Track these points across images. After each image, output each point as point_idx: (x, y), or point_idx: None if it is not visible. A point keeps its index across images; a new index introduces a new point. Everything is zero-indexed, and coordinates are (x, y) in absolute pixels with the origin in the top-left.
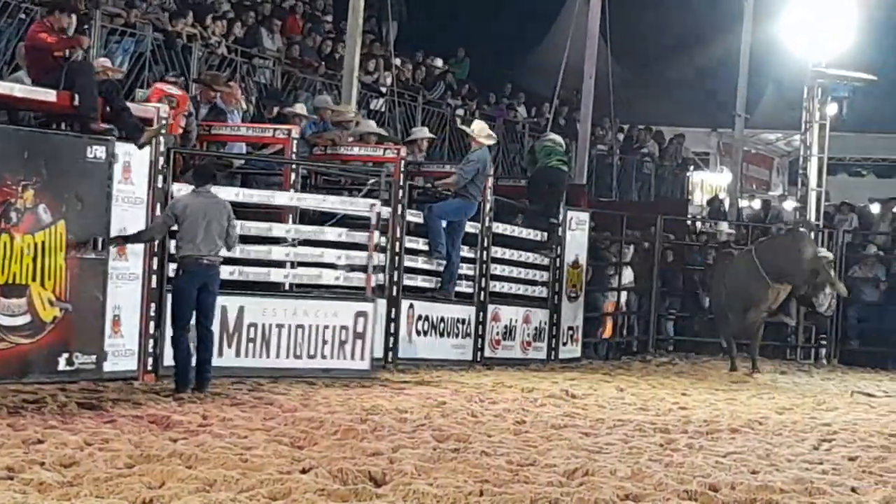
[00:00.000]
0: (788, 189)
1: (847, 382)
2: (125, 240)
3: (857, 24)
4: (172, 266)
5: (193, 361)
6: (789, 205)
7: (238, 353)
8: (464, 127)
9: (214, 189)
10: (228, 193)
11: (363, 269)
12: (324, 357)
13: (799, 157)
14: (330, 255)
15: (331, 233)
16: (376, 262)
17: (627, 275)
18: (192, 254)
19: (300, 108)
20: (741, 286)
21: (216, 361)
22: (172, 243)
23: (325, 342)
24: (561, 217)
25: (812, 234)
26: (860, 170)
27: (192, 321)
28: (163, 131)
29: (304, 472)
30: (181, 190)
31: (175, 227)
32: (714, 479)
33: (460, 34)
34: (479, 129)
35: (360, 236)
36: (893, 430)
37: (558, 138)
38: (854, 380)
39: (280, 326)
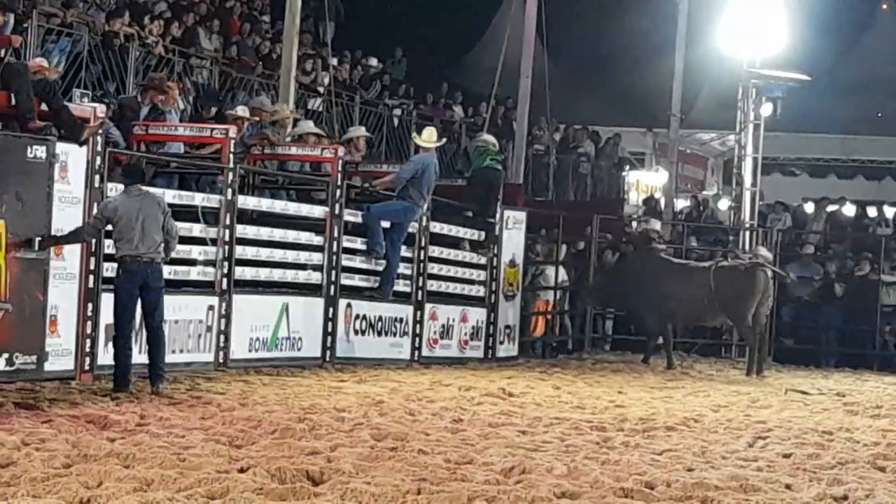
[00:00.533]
0: (723, 188)
1: (781, 380)
2: (55, 241)
3: (792, 24)
4: (108, 265)
5: (133, 361)
6: (724, 204)
7: (140, 351)
8: (414, 135)
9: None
10: None
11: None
12: (188, 351)
13: (733, 157)
14: (196, 251)
15: (196, 229)
16: (223, 256)
17: (561, 274)
18: (130, 253)
19: (242, 111)
20: (690, 302)
21: (143, 359)
22: (108, 242)
23: (189, 336)
24: (497, 216)
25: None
26: (794, 169)
27: (139, 322)
28: (102, 129)
29: (241, 471)
30: (112, 190)
31: (110, 228)
32: (650, 476)
33: (398, 34)
34: (427, 136)
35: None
36: (827, 428)
37: (490, 138)
38: (788, 377)
39: (163, 322)
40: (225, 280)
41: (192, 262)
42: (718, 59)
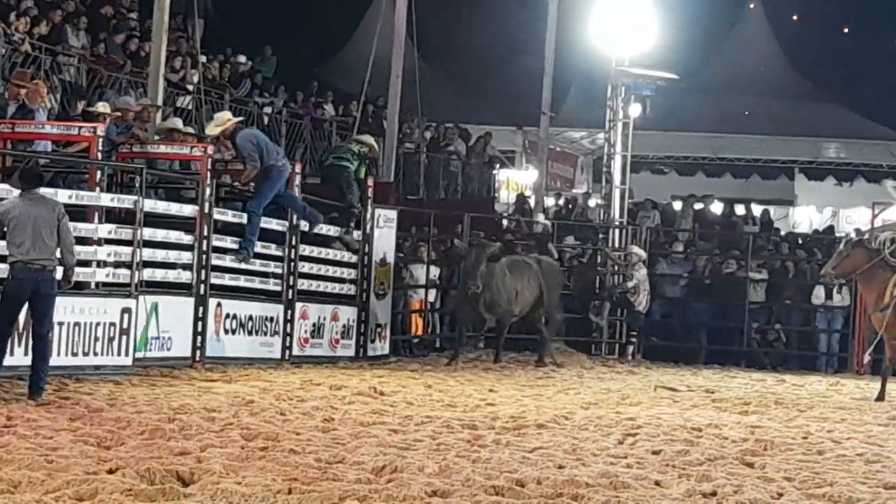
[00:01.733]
0: (593, 186)
1: (651, 377)
2: None
3: (660, 23)
4: None
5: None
6: (593, 202)
7: (26, 353)
8: (212, 132)
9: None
10: None
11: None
12: (95, 354)
13: (603, 155)
14: (102, 252)
15: (103, 230)
16: (140, 258)
17: (433, 272)
18: (21, 259)
19: (102, 107)
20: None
21: (8, 361)
22: None
23: (96, 339)
24: (367, 211)
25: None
26: (663, 167)
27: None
28: None
29: (110, 472)
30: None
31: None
32: (521, 474)
33: (267, 32)
34: (223, 119)
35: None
36: (696, 424)
37: (365, 138)
38: (658, 374)
39: (60, 324)
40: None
41: (101, 264)
42: (588, 58)
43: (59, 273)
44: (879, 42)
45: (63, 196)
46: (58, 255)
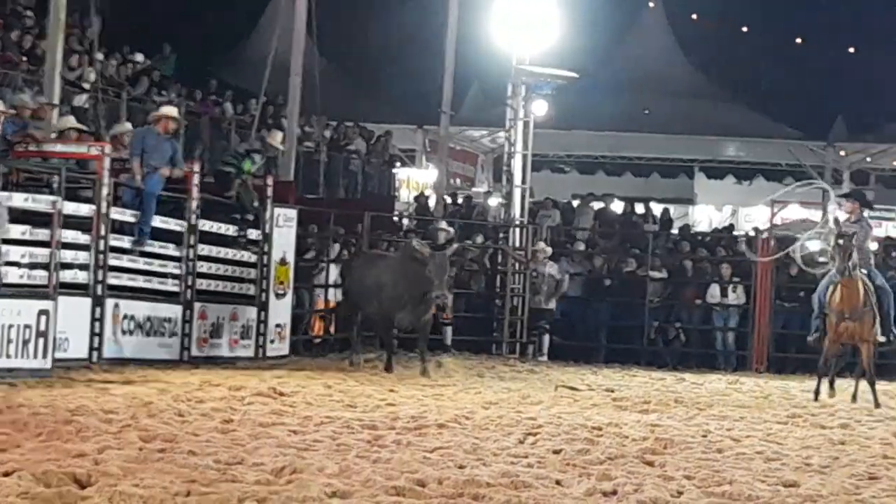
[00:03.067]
0: (494, 185)
1: (552, 376)
2: None
3: (560, 22)
4: None
5: None
6: (494, 201)
7: None
8: (172, 113)
9: None
10: None
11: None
12: (8, 357)
13: (504, 154)
14: (15, 252)
15: (15, 230)
16: (59, 259)
17: (333, 272)
18: None
19: None
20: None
21: None
22: None
23: (9, 341)
24: (255, 210)
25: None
26: (563, 166)
27: None
28: None
29: (6, 475)
30: None
31: None
32: (421, 474)
33: (165, 29)
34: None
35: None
36: (596, 423)
37: (267, 138)
38: (558, 373)
39: None
40: None
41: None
42: (488, 56)
43: None
44: (778, 41)
45: None
46: None
